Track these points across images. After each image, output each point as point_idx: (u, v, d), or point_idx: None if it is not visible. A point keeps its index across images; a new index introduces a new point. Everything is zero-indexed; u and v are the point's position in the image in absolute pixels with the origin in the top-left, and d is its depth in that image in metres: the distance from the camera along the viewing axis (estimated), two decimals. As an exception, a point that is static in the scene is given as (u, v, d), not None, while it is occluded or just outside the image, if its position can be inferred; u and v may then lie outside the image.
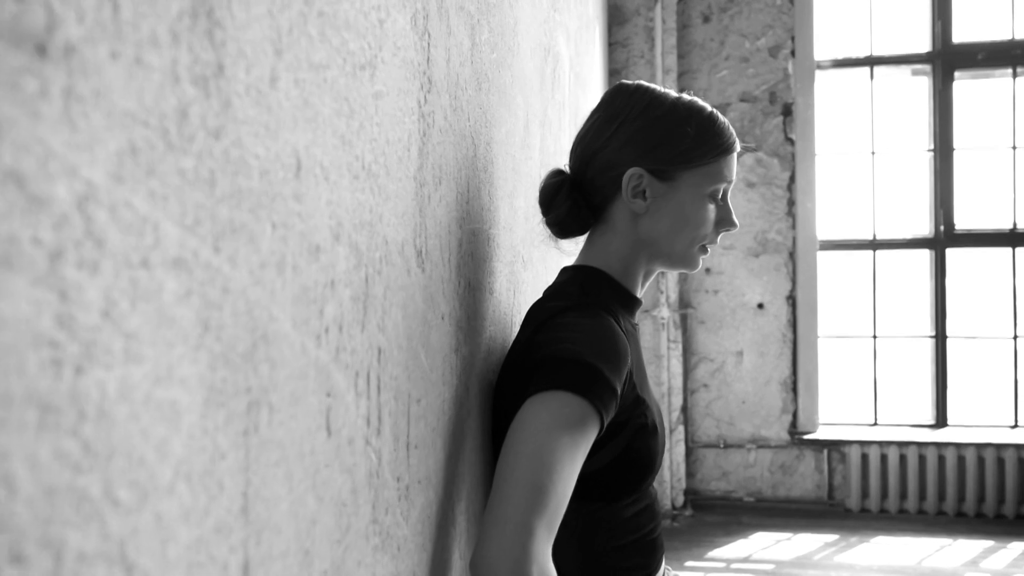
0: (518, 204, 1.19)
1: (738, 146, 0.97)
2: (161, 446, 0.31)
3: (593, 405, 0.79)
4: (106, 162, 0.28)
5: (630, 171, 0.93)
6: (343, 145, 0.50)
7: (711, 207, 0.96)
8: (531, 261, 1.30)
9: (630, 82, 1.00)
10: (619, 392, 0.84)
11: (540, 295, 1.02)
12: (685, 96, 0.97)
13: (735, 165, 0.97)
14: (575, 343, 0.84)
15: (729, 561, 3.35)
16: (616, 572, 0.94)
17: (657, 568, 0.99)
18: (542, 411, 0.77)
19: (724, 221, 0.98)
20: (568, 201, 0.97)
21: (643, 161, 0.93)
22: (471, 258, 0.90)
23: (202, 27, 0.34)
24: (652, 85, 0.98)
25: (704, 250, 0.99)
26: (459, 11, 0.82)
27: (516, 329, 1.16)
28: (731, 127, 0.97)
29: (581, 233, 1.01)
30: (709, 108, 0.97)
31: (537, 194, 1.03)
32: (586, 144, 0.98)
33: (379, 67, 0.56)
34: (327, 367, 0.47)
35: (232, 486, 0.36)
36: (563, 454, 0.75)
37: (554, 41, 1.68)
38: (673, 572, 1.09)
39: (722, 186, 0.96)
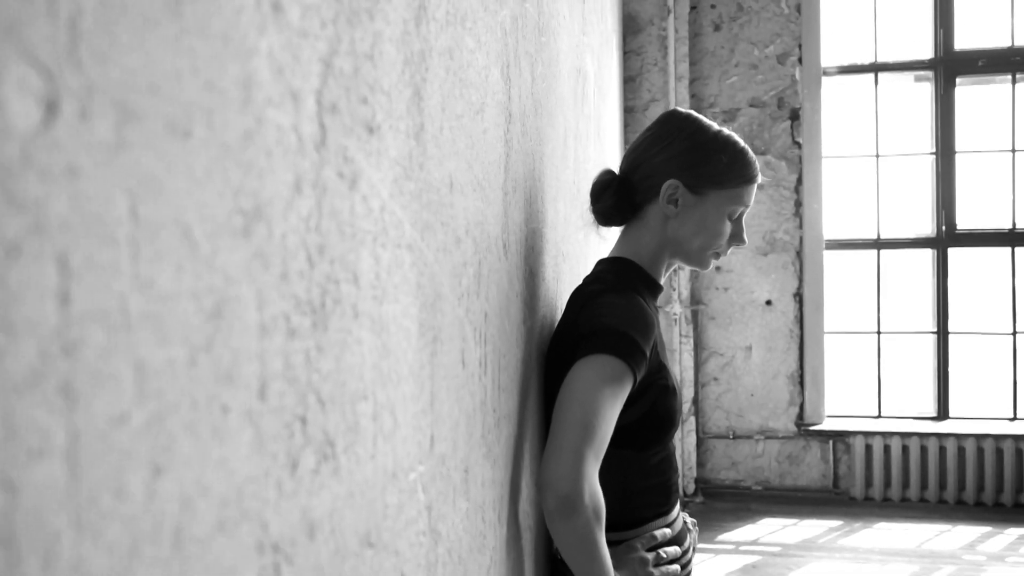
0: (559, 207, 1.41)
1: (760, 179, 1.19)
2: (403, 354, 0.53)
3: (628, 364, 1.01)
4: (388, 186, 0.50)
5: (669, 181, 1.15)
6: (469, 168, 0.71)
7: (728, 224, 1.18)
8: (568, 256, 1.52)
9: (682, 110, 1.22)
10: (648, 355, 1.05)
11: (578, 283, 1.24)
12: (725, 130, 1.19)
13: (754, 194, 1.19)
14: (613, 317, 1.05)
15: (738, 544, 3.53)
16: (643, 508, 1.16)
17: (672, 508, 1.21)
18: (588, 370, 0.99)
19: (736, 237, 1.20)
20: (614, 197, 1.19)
21: (681, 175, 1.15)
22: (532, 251, 1.12)
23: (416, 101, 0.56)
24: (700, 116, 1.20)
25: (716, 256, 1.21)
26: (525, 55, 1.04)
27: (559, 312, 1.37)
28: (757, 163, 1.19)
29: (620, 224, 1.23)
30: (742, 143, 1.18)
31: (589, 187, 1.25)
32: (637, 153, 1.20)
33: (485, 110, 0.78)
34: (463, 320, 0.69)
35: (427, 387, 0.58)
36: (605, 401, 0.97)
37: (583, 62, 1.89)
38: (689, 518, 1.30)
39: (740, 208, 1.18)
